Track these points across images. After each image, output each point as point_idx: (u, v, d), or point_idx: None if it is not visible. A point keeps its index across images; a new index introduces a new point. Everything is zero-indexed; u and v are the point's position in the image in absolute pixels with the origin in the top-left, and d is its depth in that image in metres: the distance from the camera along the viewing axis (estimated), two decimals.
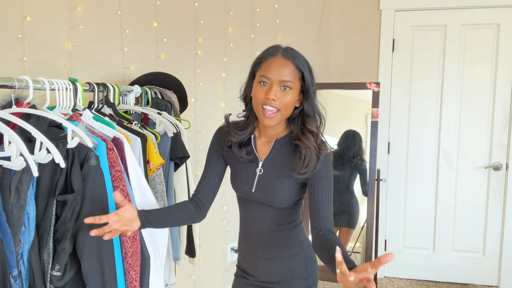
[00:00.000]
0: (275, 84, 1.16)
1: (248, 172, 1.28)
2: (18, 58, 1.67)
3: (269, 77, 1.16)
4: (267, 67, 1.17)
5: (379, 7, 3.01)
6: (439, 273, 3.09)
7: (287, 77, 1.16)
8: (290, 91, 1.17)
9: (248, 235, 1.34)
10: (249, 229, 1.33)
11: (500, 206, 2.96)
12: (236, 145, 1.28)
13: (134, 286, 1.17)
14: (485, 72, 2.92)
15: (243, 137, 1.27)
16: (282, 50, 1.19)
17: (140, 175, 1.27)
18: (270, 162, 1.26)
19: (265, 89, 1.16)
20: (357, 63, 3.09)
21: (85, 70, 1.86)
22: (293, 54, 1.19)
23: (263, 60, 1.20)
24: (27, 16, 1.68)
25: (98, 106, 1.45)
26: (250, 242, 1.34)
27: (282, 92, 1.16)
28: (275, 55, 1.18)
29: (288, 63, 1.17)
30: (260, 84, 1.17)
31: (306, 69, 1.19)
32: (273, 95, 1.14)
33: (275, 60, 1.17)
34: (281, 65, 1.16)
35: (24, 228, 0.99)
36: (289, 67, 1.16)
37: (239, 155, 1.27)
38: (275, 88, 1.15)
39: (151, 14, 2.20)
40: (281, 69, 1.16)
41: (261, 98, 1.16)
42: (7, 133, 0.94)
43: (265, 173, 1.26)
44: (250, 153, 1.28)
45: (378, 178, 2.76)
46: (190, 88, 2.35)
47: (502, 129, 2.92)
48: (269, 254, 1.31)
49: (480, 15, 2.89)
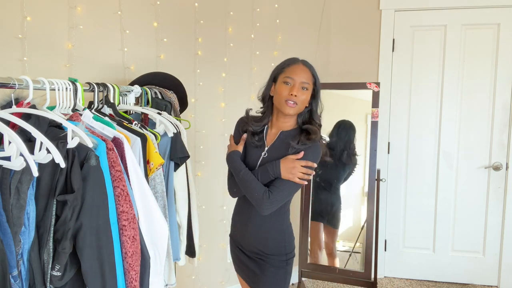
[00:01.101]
0: (297, 84, 1.51)
1: (256, 154, 1.60)
2: (18, 58, 1.67)
3: (294, 78, 1.51)
4: (291, 70, 1.53)
5: (379, 7, 3.01)
6: (439, 273, 3.09)
7: (306, 79, 1.52)
8: (307, 92, 1.53)
9: (244, 208, 1.63)
10: (246, 202, 1.59)
11: (500, 206, 2.96)
12: (250, 133, 1.61)
13: (134, 286, 1.17)
14: (485, 72, 2.92)
15: (258, 128, 1.61)
16: (301, 60, 1.57)
17: (140, 175, 1.27)
18: (274, 148, 1.58)
19: (289, 87, 1.51)
20: (357, 63, 3.09)
21: (85, 70, 1.86)
22: (310, 65, 1.57)
23: (286, 66, 1.55)
24: (27, 16, 1.68)
25: (98, 106, 1.45)
26: (244, 215, 1.63)
27: (301, 91, 1.51)
28: (297, 62, 1.56)
29: (307, 70, 1.54)
30: (285, 84, 1.52)
31: (317, 77, 1.56)
32: (296, 91, 1.49)
33: (298, 66, 1.54)
34: (302, 70, 1.53)
35: (24, 228, 0.99)
36: (307, 73, 1.54)
37: (251, 141, 1.60)
38: (297, 87, 1.50)
39: (151, 14, 2.20)
40: (303, 73, 1.52)
41: (286, 94, 1.50)
42: (7, 133, 0.94)
43: (268, 156, 1.58)
44: (261, 140, 1.60)
45: (378, 178, 2.75)
46: (190, 88, 2.35)
47: (502, 129, 2.92)
48: (257, 230, 1.60)
49: (480, 15, 2.89)
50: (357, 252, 2.96)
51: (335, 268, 2.85)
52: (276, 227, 1.60)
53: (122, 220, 1.16)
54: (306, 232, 2.84)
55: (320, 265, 2.87)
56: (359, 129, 2.86)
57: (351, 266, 2.88)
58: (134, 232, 1.17)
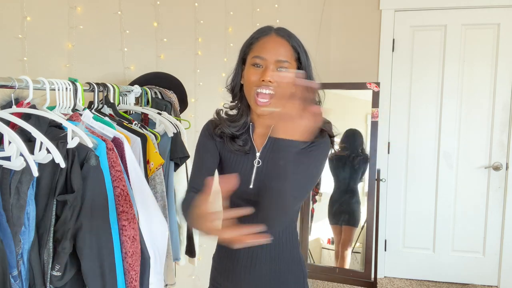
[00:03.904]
0: (271, 64, 1.04)
1: (245, 166, 1.11)
2: (18, 58, 1.67)
3: (264, 57, 1.04)
4: (260, 46, 1.06)
5: (379, 7, 3.01)
6: (439, 273, 3.09)
7: (284, 56, 1.04)
8: None
9: (236, 253, 1.13)
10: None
11: (500, 206, 2.96)
12: (228, 138, 1.13)
13: (134, 286, 1.17)
14: (485, 72, 2.91)
15: (236, 129, 1.13)
16: (275, 28, 1.09)
17: (140, 175, 1.27)
18: (269, 151, 1.11)
19: (260, 71, 1.04)
20: (357, 63, 3.08)
21: (85, 70, 1.86)
22: (288, 33, 1.08)
23: (255, 41, 1.09)
24: (27, 16, 1.68)
25: (98, 106, 1.45)
26: (239, 259, 1.13)
27: (277, 73, 1.03)
28: (269, 34, 1.08)
29: (284, 41, 1.06)
30: (254, 66, 1.05)
31: (302, 49, 1.09)
32: (269, 76, 1.02)
33: (269, 39, 1.06)
34: (276, 43, 1.05)
35: (24, 228, 0.99)
36: (284, 46, 1.06)
37: (233, 148, 1.13)
38: (272, 69, 1.03)
39: (151, 14, 2.20)
40: (277, 47, 1.05)
41: (255, 80, 1.04)
42: (7, 133, 0.94)
43: (264, 164, 1.11)
44: (247, 142, 1.13)
45: (378, 178, 2.75)
46: (190, 88, 2.35)
47: (502, 129, 2.92)
48: (266, 274, 1.11)
49: (480, 15, 2.89)
50: (357, 252, 2.96)
51: (335, 268, 2.85)
52: (294, 256, 1.16)
53: (122, 220, 1.16)
54: (306, 231, 2.84)
55: (320, 265, 2.87)
56: (359, 129, 2.86)
57: (351, 266, 2.88)
58: (134, 232, 1.17)
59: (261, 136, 1.15)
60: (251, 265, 1.13)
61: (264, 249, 1.11)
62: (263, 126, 1.15)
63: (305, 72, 1.07)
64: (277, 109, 0.85)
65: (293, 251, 1.16)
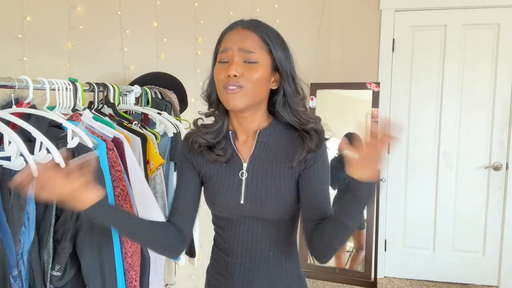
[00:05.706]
0: (236, 56, 0.95)
1: (231, 181, 1.02)
2: (18, 58, 1.67)
3: (227, 47, 0.96)
4: (225, 40, 0.98)
5: (379, 7, 3.01)
6: (439, 273, 3.09)
7: (250, 47, 0.95)
8: (257, 66, 0.95)
9: (232, 269, 1.06)
10: (234, 261, 1.06)
11: (500, 206, 2.96)
12: (205, 148, 1.04)
13: (134, 286, 1.17)
14: (485, 72, 2.91)
15: (212, 136, 1.04)
16: (244, 21, 1.00)
17: (140, 175, 1.27)
18: (257, 161, 1.02)
19: (226, 66, 0.95)
20: (357, 63, 3.08)
21: (85, 70, 1.86)
22: (255, 24, 0.98)
23: (222, 36, 1.01)
24: (27, 16, 1.68)
25: (98, 106, 1.45)
26: (234, 280, 1.06)
27: (245, 66, 0.95)
28: (234, 27, 0.99)
29: (249, 32, 0.97)
30: (220, 63, 0.98)
31: (273, 40, 0.97)
32: (233, 69, 0.93)
33: (234, 31, 0.98)
34: (239, 34, 0.97)
35: (24, 228, 0.99)
36: (250, 37, 0.96)
37: (211, 159, 1.03)
38: (236, 61, 0.94)
39: (151, 14, 2.19)
40: (241, 39, 0.96)
41: (222, 77, 0.96)
42: (7, 133, 0.94)
43: (253, 175, 1.01)
44: (226, 151, 1.03)
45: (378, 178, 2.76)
46: (190, 88, 2.35)
47: (502, 129, 2.92)
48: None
49: (480, 15, 2.89)
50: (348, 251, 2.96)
51: (335, 268, 2.85)
52: (294, 277, 1.09)
53: None
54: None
55: (320, 265, 2.87)
56: (359, 129, 2.86)
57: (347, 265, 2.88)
58: None
59: (245, 145, 1.05)
60: (247, 284, 1.06)
61: (262, 268, 1.04)
62: (245, 133, 1.05)
63: (281, 69, 0.99)
64: (355, 155, 0.85)
65: (293, 272, 1.08)
